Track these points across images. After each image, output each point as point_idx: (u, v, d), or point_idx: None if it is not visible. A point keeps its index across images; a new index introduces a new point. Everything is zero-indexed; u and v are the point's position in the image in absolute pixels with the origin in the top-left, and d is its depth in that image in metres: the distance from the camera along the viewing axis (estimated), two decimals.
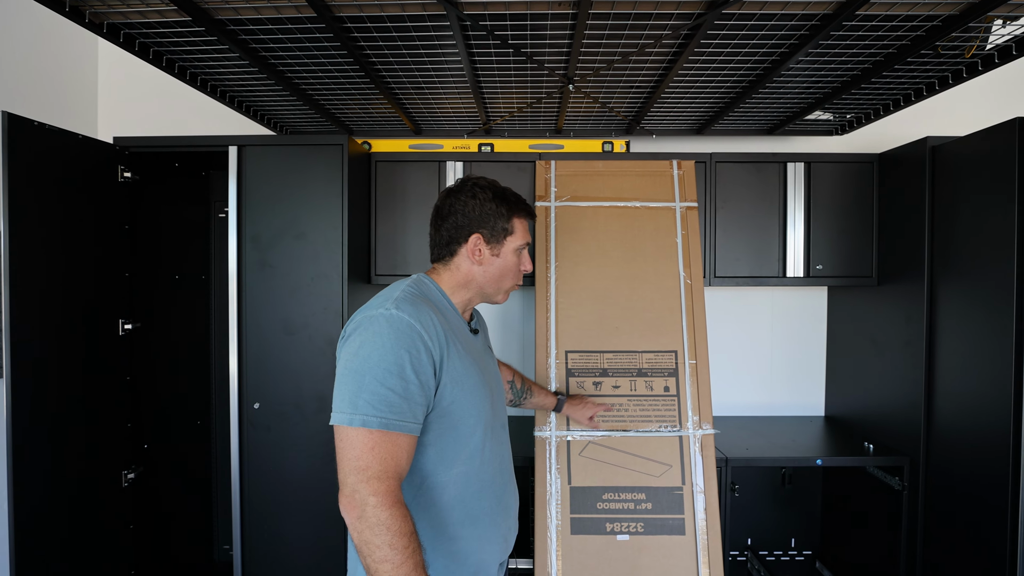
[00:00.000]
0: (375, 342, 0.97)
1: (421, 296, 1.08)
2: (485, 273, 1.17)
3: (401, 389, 0.96)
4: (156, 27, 1.44)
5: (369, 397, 0.95)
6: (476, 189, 1.17)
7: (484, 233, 1.16)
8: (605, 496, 1.87)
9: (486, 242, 1.16)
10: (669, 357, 2.00)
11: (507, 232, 1.18)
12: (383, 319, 0.99)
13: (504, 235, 1.17)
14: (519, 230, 1.19)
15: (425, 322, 1.01)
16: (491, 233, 1.16)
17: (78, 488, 1.80)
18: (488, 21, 1.39)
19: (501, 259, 1.18)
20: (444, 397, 1.03)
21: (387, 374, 0.96)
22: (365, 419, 0.94)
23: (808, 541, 2.57)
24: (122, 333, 2.01)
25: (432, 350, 1.00)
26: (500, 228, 1.17)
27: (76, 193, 1.82)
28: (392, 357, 0.96)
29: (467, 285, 1.18)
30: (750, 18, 1.37)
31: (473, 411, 1.07)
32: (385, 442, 0.95)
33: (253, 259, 1.99)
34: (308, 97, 2.00)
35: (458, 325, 1.14)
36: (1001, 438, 1.68)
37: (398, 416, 0.96)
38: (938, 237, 1.95)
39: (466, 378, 1.06)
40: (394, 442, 0.95)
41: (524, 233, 1.20)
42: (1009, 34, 1.47)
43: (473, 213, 1.16)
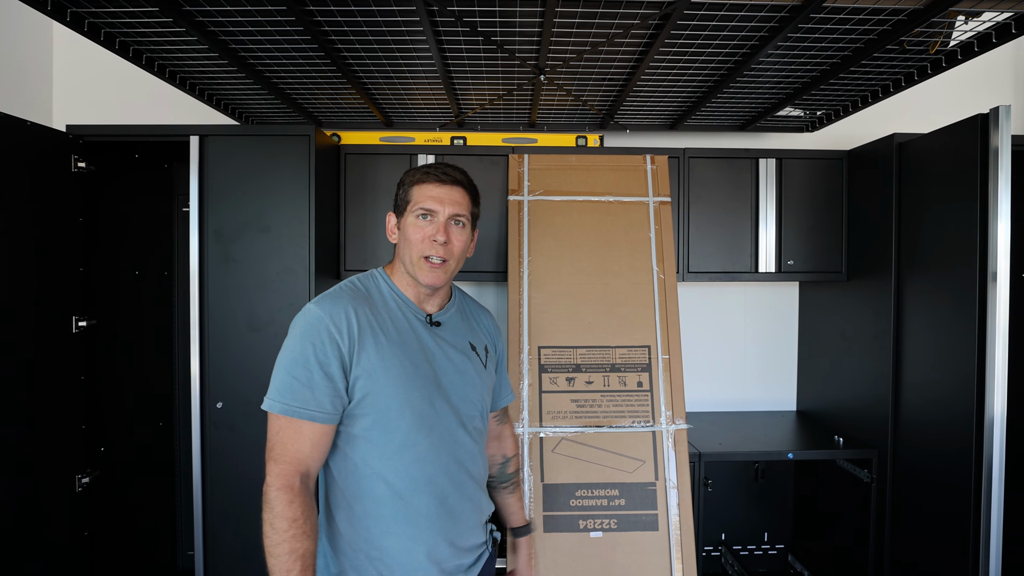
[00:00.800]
0: (292, 335, 1.06)
1: (354, 290, 1.12)
2: (399, 250, 1.18)
3: (305, 379, 1.01)
4: (106, 6, 1.37)
5: (279, 384, 1.03)
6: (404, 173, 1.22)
7: (395, 209, 1.20)
8: (578, 493, 1.85)
9: (398, 217, 1.19)
10: (642, 352, 1.99)
11: (408, 202, 1.17)
12: (302, 314, 1.07)
13: (406, 205, 1.17)
14: (417, 196, 1.16)
15: (337, 316, 1.05)
16: (397, 207, 1.19)
17: (25, 495, 1.71)
18: (456, 6, 1.35)
19: (403, 231, 1.17)
20: (358, 389, 1.05)
21: (294, 364, 1.02)
22: (271, 404, 1.03)
23: (781, 535, 2.59)
24: (76, 330, 1.92)
25: (340, 343, 1.04)
26: (403, 200, 1.18)
27: (24, 184, 1.73)
28: (299, 348, 1.03)
29: (397, 267, 1.19)
30: (719, 9, 1.36)
31: (394, 403, 1.07)
32: (288, 428, 1.02)
33: (216, 253, 1.92)
34: (274, 86, 1.94)
35: (397, 318, 1.13)
36: (964, 427, 1.71)
37: (300, 404, 1.01)
38: (905, 232, 1.98)
39: (385, 370, 1.06)
40: (296, 429, 1.01)
41: (422, 198, 1.15)
42: (971, 30, 1.49)
43: (396, 194, 1.21)
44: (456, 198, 1.16)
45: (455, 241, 1.16)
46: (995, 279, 1.64)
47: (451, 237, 1.15)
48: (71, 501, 1.88)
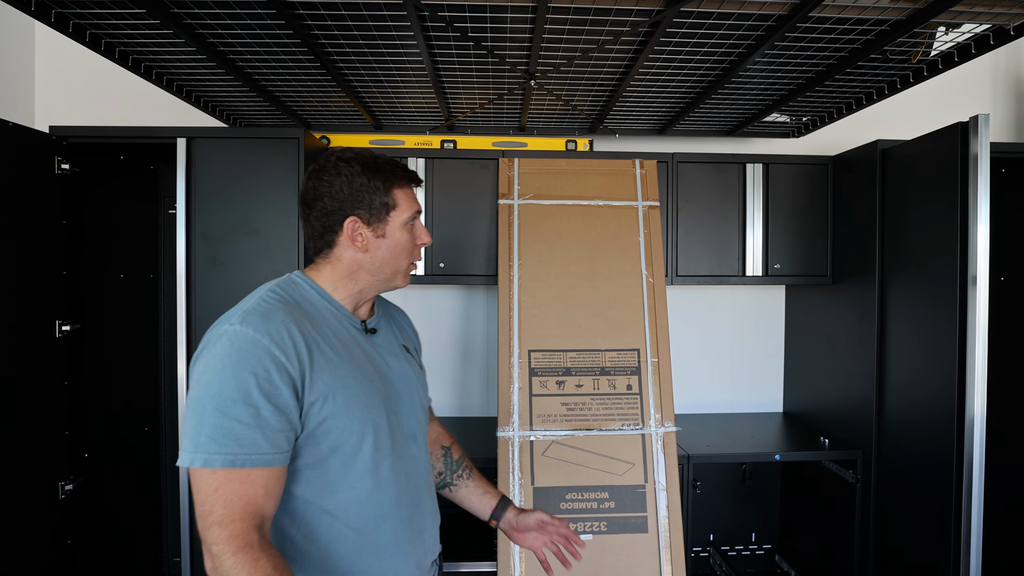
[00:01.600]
0: (216, 365, 0.83)
1: (283, 301, 0.93)
2: (373, 259, 1.01)
3: (250, 418, 0.82)
4: (91, 7, 1.35)
5: (211, 431, 0.81)
6: (340, 164, 0.99)
7: (361, 214, 0.99)
8: (569, 496, 1.86)
9: (366, 224, 1.00)
10: (632, 355, 2.00)
11: (389, 207, 1.01)
12: (226, 338, 0.85)
13: (386, 211, 1.01)
14: (403, 201, 1.02)
15: (278, 334, 0.87)
16: (369, 212, 1.00)
17: (6, 503, 1.68)
18: (447, 12, 1.36)
19: (389, 239, 1.01)
20: (312, 416, 0.89)
21: (230, 402, 0.82)
22: (207, 457, 0.80)
23: (768, 535, 2.62)
24: (59, 335, 1.89)
25: (289, 367, 0.86)
26: (379, 204, 1.00)
27: (5, 186, 1.70)
28: (235, 382, 0.82)
29: (354, 276, 1.02)
30: (708, 17, 1.38)
31: (355, 426, 0.93)
32: (232, 481, 0.81)
33: (203, 256, 1.90)
34: (262, 88, 1.92)
35: (337, 329, 0.98)
36: (946, 429, 1.75)
37: (248, 449, 0.82)
38: (888, 237, 2.02)
39: (341, 390, 0.92)
40: (245, 479, 0.82)
41: (410, 202, 1.03)
42: (952, 41, 1.53)
43: (342, 193, 0.98)
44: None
45: None
46: (975, 282, 1.67)
47: None
48: (54, 508, 1.85)
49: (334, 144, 2.34)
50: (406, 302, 2.58)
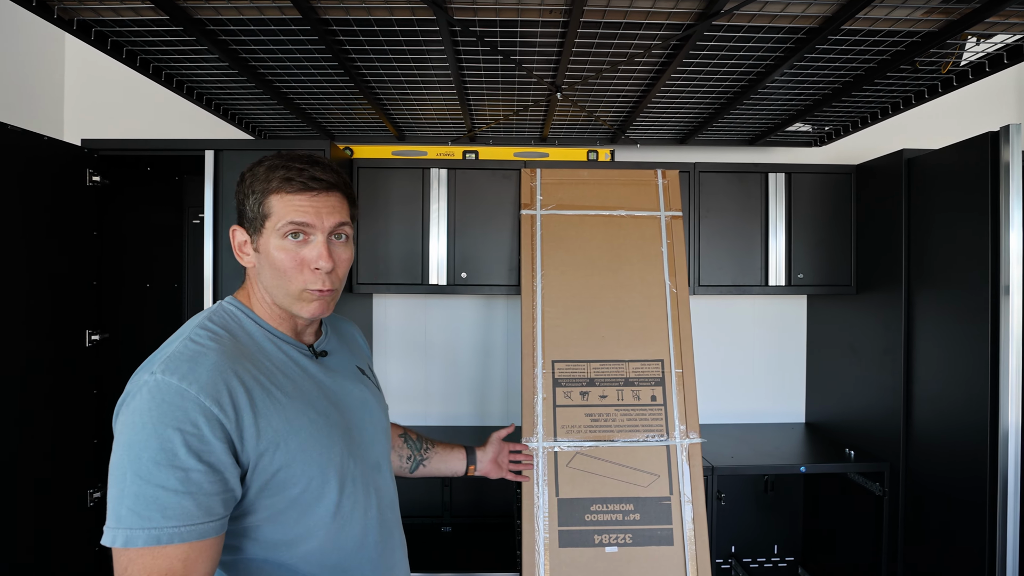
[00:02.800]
0: (135, 423, 0.71)
1: (216, 339, 0.80)
2: (261, 277, 0.87)
3: (177, 483, 0.70)
4: (130, 25, 1.38)
5: (132, 503, 0.69)
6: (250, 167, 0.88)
7: (245, 223, 0.87)
8: (593, 507, 1.85)
9: (249, 234, 0.87)
10: (656, 366, 1.99)
11: (264, 216, 0.84)
12: (146, 390, 0.73)
13: (262, 221, 0.85)
14: (279, 209, 0.83)
15: (208, 382, 0.74)
16: (249, 221, 0.86)
17: (39, 509, 1.70)
18: (478, 27, 1.37)
19: (262, 253, 0.85)
20: (264, 469, 0.78)
21: (153, 466, 0.69)
22: (128, 535, 0.68)
23: (791, 547, 2.59)
24: (89, 344, 1.91)
25: (223, 418, 0.74)
26: (257, 212, 0.85)
27: (41, 198, 1.73)
28: (156, 443, 0.70)
29: (261, 294, 0.88)
30: (738, 30, 1.38)
31: (314, 471, 0.82)
32: (158, 560, 0.68)
33: (230, 267, 1.92)
34: (289, 101, 1.95)
35: (282, 362, 0.86)
36: (978, 443, 1.72)
37: (179, 521, 0.69)
38: (914, 247, 2.00)
39: (294, 434, 0.80)
40: (174, 557, 0.69)
41: (288, 210, 0.83)
42: (983, 51, 1.52)
43: (236, 199, 0.88)
44: (334, 205, 0.87)
45: (341, 261, 0.88)
46: (1008, 292, 1.65)
47: (336, 258, 0.87)
48: (83, 515, 1.87)
49: (357, 155, 2.36)
50: (427, 311, 2.60)
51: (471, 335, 2.61)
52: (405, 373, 2.60)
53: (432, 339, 2.61)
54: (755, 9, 1.28)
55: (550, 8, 1.28)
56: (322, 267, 0.85)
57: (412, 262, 2.21)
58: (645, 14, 1.30)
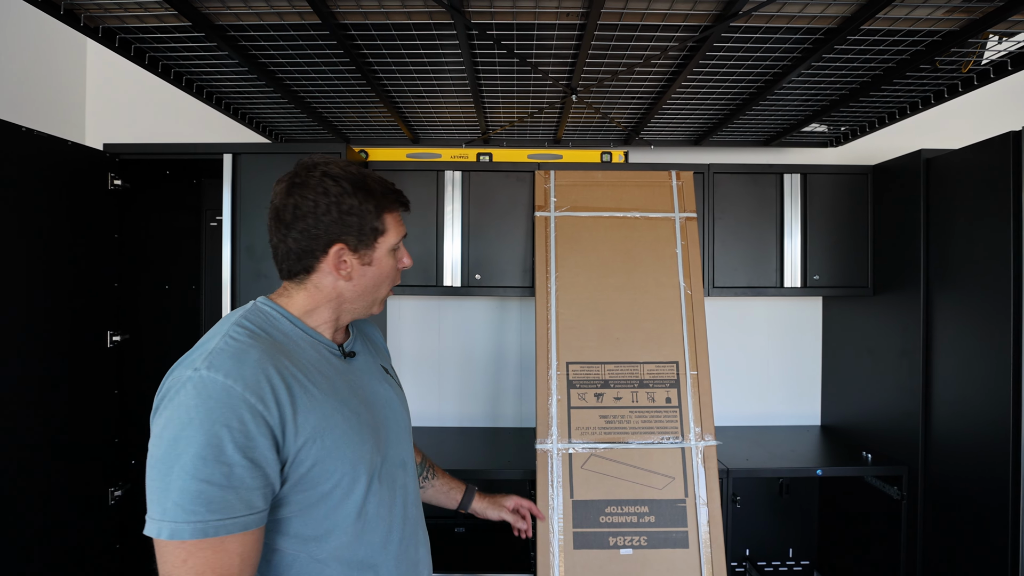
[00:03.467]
0: (181, 419, 0.73)
1: (255, 336, 0.82)
2: (355, 288, 0.92)
3: (222, 478, 0.72)
4: (153, 32, 1.40)
5: (178, 497, 0.71)
6: (327, 181, 0.87)
7: (349, 240, 0.89)
8: (608, 509, 1.85)
9: (353, 251, 0.90)
10: (670, 368, 1.99)
11: (378, 232, 0.91)
12: (191, 386, 0.74)
13: (375, 236, 0.91)
14: (392, 226, 0.93)
15: (253, 379, 0.76)
16: (359, 239, 0.90)
17: (63, 506, 1.73)
18: (495, 31, 1.38)
19: (375, 267, 0.92)
20: (302, 463, 0.80)
21: (200, 461, 0.71)
22: (174, 528, 0.71)
23: (806, 551, 2.57)
24: (110, 345, 1.95)
25: (267, 415, 0.76)
26: (369, 229, 0.90)
27: (65, 201, 1.77)
28: (204, 438, 0.72)
29: (332, 305, 0.92)
30: (755, 31, 1.38)
31: (346, 467, 0.84)
32: (204, 551, 0.71)
33: (248, 270, 1.94)
34: (306, 105, 1.97)
35: (317, 361, 0.88)
36: (1000, 446, 1.70)
37: (222, 515, 0.72)
38: (933, 248, 1.98)
39: (329, 430, 0.83)
40: (219, 548, 0.72)
41: (399, 227, 0.95)
42: (1004, 50, 1.50)
43: (330, 215, 0.87)
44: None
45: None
46: None
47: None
48: (104, 513, 1.90)
49: (372, 158, 2.38)
50: (441, 313, 2.61)
51: (485, 336, 2.62)
52: (419, 374, 2.62)
53: (446, 340, 2.62)
54: (773, 10, 1.28)
55: (567, 11, 1.29)
56: (409, 266, 1.00)
57: (427, 263, 2.22)
58: (662, 16, 1.30)
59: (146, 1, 1.24)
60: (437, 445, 2.29)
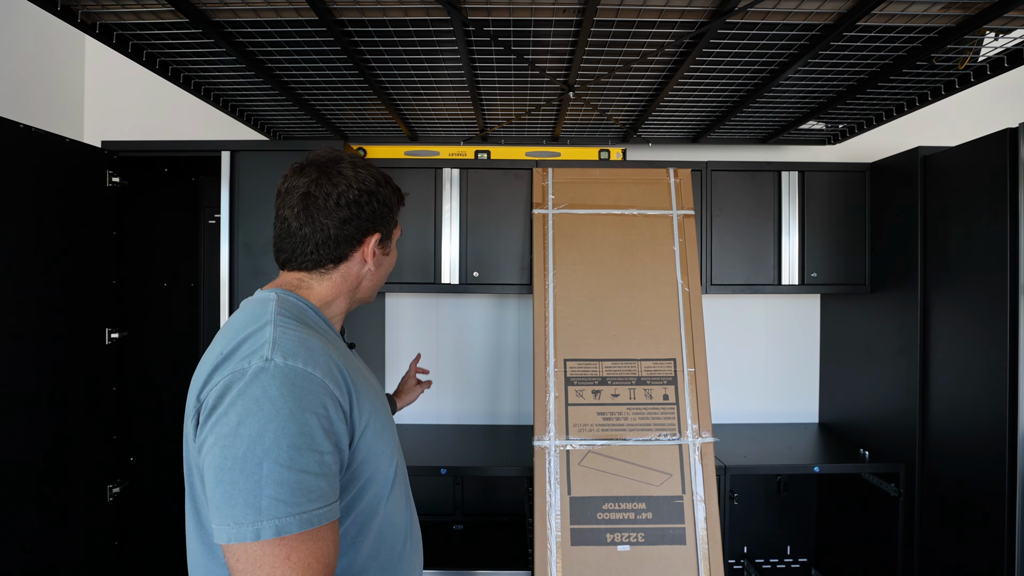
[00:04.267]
0: (266, 411, 0.69)
1: (302, 325, 0.82)
2: (375, 276, 0.96)
3: (317, 466, 0.70)
4: (151, 29, 1.40)
5: (275, 491, 0.67)
6: (362, 171, 0.91)
7: (382, 230, 0.93)
8: (605, 506, 1.86)
9: (380, 241, 0.94)
10: (668, 365, 1.99)
11: (395, 224, 0.98)
12: (268, 376, 0.71)
13: (393, 227, 0.98)
14: (398, 219, 1.01)
15: (325, 365, 0.76)
16: (387, 229, 0.95)
17: (61, 502, 1.73)
18: (492, 27, 1.38)
19: (390, 257, 1.00)
20: (360, 448, 0.80)
21: (296, 451, 0.69)
22: (279, 524, 0.67)
23: (804, 548, 2.57)
24: (108, 342, 1.95)
25: (342, 401, 0.76)
26: (393, 221, 0.97)
27: (63, 198, 1.77)
28: (295, 427, 0.69)
29: (352, 293, 0.94)
30: (752, 28, 1.38)
31: (387, 452, 0.86)
32: (307, 543, 0.69)
33: (246, 266, 1.94)
34: (304, 102, 1.97)
35: (345, 352, 0.89)
36: (996, 443, 1.70)
37: (321, 502, 0.70)
38: (931, 246, 1.98)
39: (375, 417, 0.84)
40: (319, 537, 0.70)
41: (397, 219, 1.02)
42: (1001, 47, 1.50)
43: (371, 206, 0.90)
44: None
45: None
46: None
47: None
48: (103, 510, 1.91)
49: (371, 155, 2.38)
50: (439, 311, 2.62)
51: (483, 334, 2.62)
52: None
53: (444, 338, 2.62)
54: (769, 6, 1.28)
55: (563, 7, 1.29)
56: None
57: (424, 261, 2.23)
58: (658, 12, 1.30)
59: None
60: (435, 443, 2.30)
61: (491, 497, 2.52)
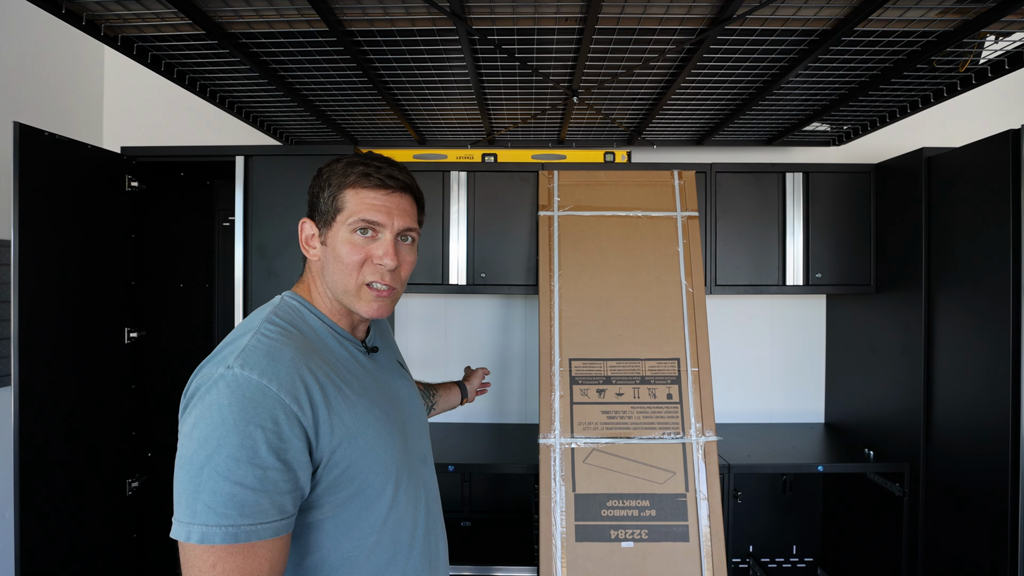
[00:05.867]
0: (213, 418, 0.70)
1: (287, 335, 0.80)
2: (325, 270, 0.87)
3: (256, 480, 0.69)
4: (169, 40, 1.46)
5: (209, 498, 0.68)
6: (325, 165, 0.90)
7: (316, 216, 0.88)
8: (609, 503, 1.89)
9: (319, 227, 0.88)
10: (672, 364, 2.02)
11: (337, 209, 0.85)
12: (224, 384, 0.71)
13: (334, 214, 0.85)
14: (352, 203, 0.85)
15: (287, 378, 0.74)
16: (320, 214, 0.87)
17: (83, 496, 1.80)
18: (496, 36, 1.42)
19: (329, 247, 0.86)
20: (336, 466, 0.78)
21: (233, 463, 0.68)
22: (205, 531, 0.67)
23: (809, 548, 2.58)
24: (127, 341, 2.02)
25: (301, 416, 0.74)
26: (329, 205, 0.86)
27: (84, 202, 1.84)
28: (237, 438, 0.69)
29: (326, 292, 0.89)
30: (751, 34, 1.41)
31: (379, 467, 0.83)
32: (234, 557, 0.68)
33: (259, 268, 2.00)
34: (315, 108, 2.02)
35: (346, 359, 0.87)
36: (1000, 443, 1.71)
37: (253, 519, 0.69)
38: (935, 246, 1.99)
39: (363, 430, 0.81)
40: (249, 554, 0.69)
41: (361, 207, 0.85)
42: (1001, 49, 1.52)
43: (310, 194, 0.89)
44: (405, 207, 0.88)
45: (405, 262, 0.89)
46: None
47: (401, 258, 0.88)
48: (122, 504, 1.97)
49: None
50: (447, 311, 2.66)
51: (490, 334, 2.66)
52: (425, 371, 2.67)
53: (451, 338, 2.67)
54: (767, 13, 1.31)
55: (566, 16, 1.33)
56: (386, 264, 0.85)
57: (433, 262, 2.27)
58: (658, 19, 1.34)
59: (163, 11, 1.30)
60: (443, 440, 2.34)
61: (498, 494, 2.56)
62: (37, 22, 2.26)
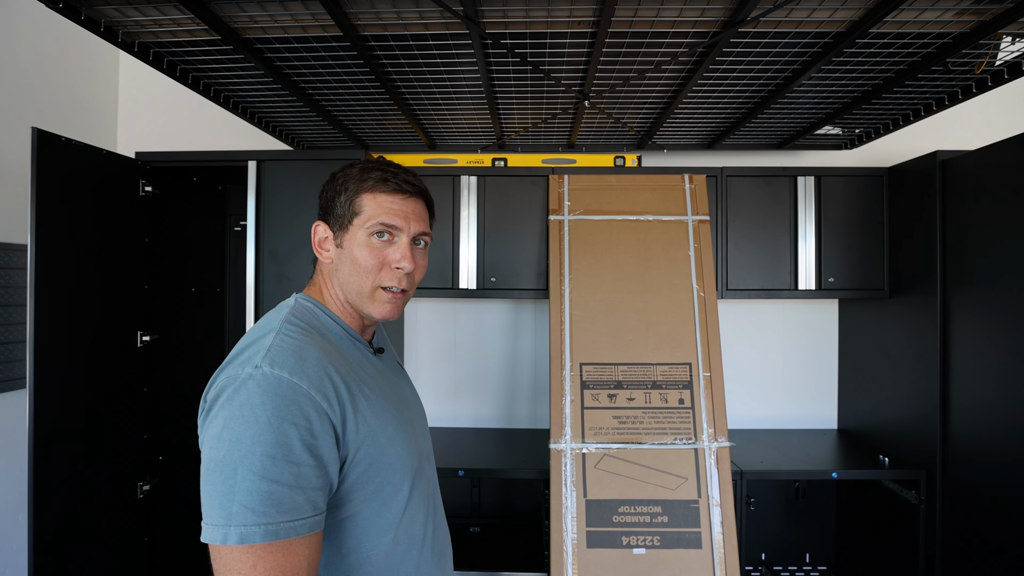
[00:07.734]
0: (245, 417, 0.70)
1: (308, 334, 0.82)
2: (339, 273, 0.89)
3: (291, 477, 0.70)
4: (185, 46, 1.48)
5: (246, 498, 0.68)
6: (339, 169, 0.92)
7: (329, 219, 0.90)
8: (621, 509, 1.87)
9: (333, 232, 0.89)
10: (683, 369, 2.00)
11: (354, 213, 0.87)
12: (253, 383, 0.72)
13: (350, 218, 0.87)
14: (369, 208, 0.86)
15: (315, 376, 0.76)
16: (336, 218, 0.89)
17: (95, 498, 1.81)
18: (508, 40, 1.42)
19: (345, 250, 0.87)
20: (360, 463, 0.80)
21: (269, 460, 0.69)
22: (244, 532, 0.67)
23: (823, 556, 2.55)
24: (140, 345, 2.03)
25: (330, 413, 0.75)
26: (346, 209, 0.87)
27: (99, 207, 1.86)
28: (272, 436, 0.70)
29: (337, 295, 0.91)
30: (764, 36, 1.40)
31: (398, 464, 0.85)
32: (274, 555, 0.68)
33: (271, 272, 2.01)
34: (327, 113, 2.04)
35: (360, 360, 0.88)
36: (1019, 450, 1.68)
37: (291, 515, 0.70)
38: (950, 250, 1.96)
39: (382, 428, 0.83)
40: (288, 551, 0.69)
41: (379, 211, 0.86)
42: (1018, 51, 1.50)
43: (322, 197, 0.91)
44: (420, 212, 0.91)
45: (418, 266, 0.91)
46: None
47: (415, 262, 0.89)
48: (133, 507, 1.98)
49: None
50: (457, 315, 2.66)
51: (499, 338, 2.66)
52: (434, 375, 2.66)
53: (461, 342, 2.66)
54: (781, 15, 1.30)
55: (578, 20, 1.33)
56: (404, 267, 0.87)
57: (443, 267, 2.27)
58: (672, 23, 1.34)
59: (179, 16, 1.32)
60: (453, 445, 2.33)
61: (508, 500, 2.54)
62: (55, 29, 2.29)
